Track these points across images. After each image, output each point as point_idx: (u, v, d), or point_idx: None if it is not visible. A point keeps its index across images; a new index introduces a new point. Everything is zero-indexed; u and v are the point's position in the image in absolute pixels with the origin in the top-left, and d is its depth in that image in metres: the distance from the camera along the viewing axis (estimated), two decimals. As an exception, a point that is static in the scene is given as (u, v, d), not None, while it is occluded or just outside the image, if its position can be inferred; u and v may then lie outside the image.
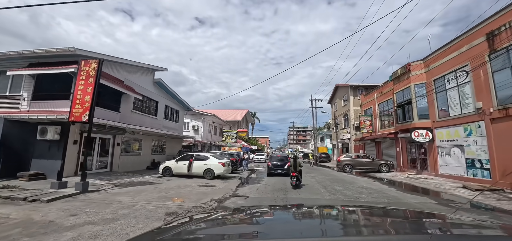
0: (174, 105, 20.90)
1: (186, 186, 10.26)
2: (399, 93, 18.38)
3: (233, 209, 2.09)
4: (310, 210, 1.94)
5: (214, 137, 32.36)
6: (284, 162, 15.98)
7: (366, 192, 10.16)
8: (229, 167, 13.48)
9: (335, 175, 17.04)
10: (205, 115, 28.81)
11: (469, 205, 7.93)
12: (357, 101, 30.73)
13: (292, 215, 1.80)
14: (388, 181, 14.29)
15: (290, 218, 1.75)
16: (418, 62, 16.89)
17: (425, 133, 15.56)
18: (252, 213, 1.90)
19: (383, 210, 2.07)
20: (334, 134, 38.78)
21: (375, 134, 23.03)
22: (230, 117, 44.87)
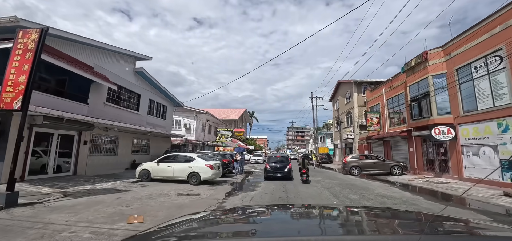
0: (161, 99, 18.67)
1: (160, 195, 8.05)
2: (414, 86, 16.31)
3: (230, 209, 2.06)
4: (308, 210, 1.95)
5: (208, 137, 30.13)
6: (284, 164, 13.80)
7: (390, 203, 8.02)
8: (219, 170, 11.28)
9: (342, 179, 14.89)
10: (198, 112, 26.58)
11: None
12: (362, 97, 28.66)
13: (290, 215, 1.79)
14: (404, 186, 12.18)
15: (288, 217, 1.76)
16: (436, 50, 14.83)
17: (447, 130, 13.48)
18: (250, 212, 1.95)
19: (383, 210, 2.10)
20: (336, 134, 36.70)
21: (384, 132, 20.96)
22: (227, 116, 42.68)
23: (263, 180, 13.54)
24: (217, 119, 31.70)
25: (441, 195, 9.88)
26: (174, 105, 20.97)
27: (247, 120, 61.19)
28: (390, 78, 20.39)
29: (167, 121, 19.54)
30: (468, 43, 12.74)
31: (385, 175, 16.17)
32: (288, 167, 13.62)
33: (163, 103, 18.98)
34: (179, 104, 21.14)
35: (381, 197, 8.96)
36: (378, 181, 13.91)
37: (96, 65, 12.03)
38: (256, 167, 23.98)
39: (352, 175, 16.76)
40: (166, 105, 19.45)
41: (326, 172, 19.13)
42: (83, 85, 11.30)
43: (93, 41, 11.68)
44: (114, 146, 13.60)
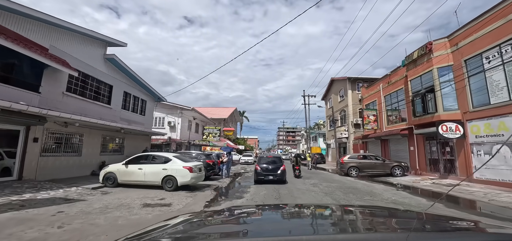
0: (139, 93, 16.65)
1: (119, 207, 6.23)
2: (416, 80, 15.11)
3: (217, 210, 1.97)
4: (299, 210, 1.93)
5: (195, 136, 28.14)
6: (277, 165, 12.17)
7: (408, 212, 6.51)
8: (200, 173, 9.51)
9: (341, 181, 13.44)
10: (183, 109, 24.59)
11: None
12: (356, 95, 27.55)
13: (281, 215, 1.78)
14: (412, 189, 10.84)
15: (279, 217, 1.74)
16: (441, 41, 13.66)
17: (455, 127, 12.29)
18: (239, 213, 1.88)
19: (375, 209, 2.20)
20: (329, 133, 35.57)
21: (381, 131, 19.78)
22: (216, 114, 40.77)
23: (252, 183, 11.87)
24: (205, 117, 29.78)
25: (467, 204, 8.53)
26: (155, 100, 18.96)
27: (237, 119, 59.36)
28: (388, 73, 19.23)
29: (146, 117, 17.51)
30: (479, 31, 11.58)
31: (386, 176, 14.89)
32: (282, 169, 12.00)
33: (142, 97, 16.95)
34: (161, 99, 19.15)
35: (394, 204, 7.50)
36: (380, 184, 12.55)
37: (52, 46, 9.98)
38: (245, 168, 22.27)
39: (350, 176, 15.38)
40: (146, 99, 17.42)
41: (321, 174, 17.69)
42: (34, 70, 9.25)
43: (50, 18, 9.65)
44: (78, 144, 11.54)
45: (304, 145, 57.81)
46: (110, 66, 13.63)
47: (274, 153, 40.60)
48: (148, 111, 17.76)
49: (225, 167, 13.10)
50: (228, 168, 13.41)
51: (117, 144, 14.45)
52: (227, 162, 13.24)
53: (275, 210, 1.99)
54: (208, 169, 11.89)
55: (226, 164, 13.14)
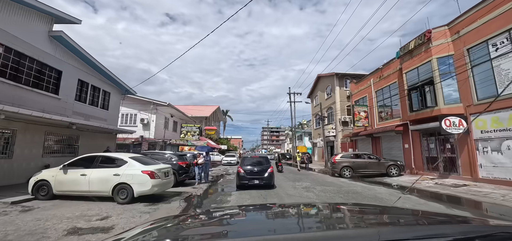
0: (101, 83, 14.06)
1: (30, 235, 4.05)
2: (412, 72, 14.00)
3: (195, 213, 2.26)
4: (284, 209, 1.88)
5: (173, 135, 25.60)
6: (263, 167, 10.30)
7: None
8: (167, 179, 7.40)
9: (336, 183, 11.89)
10: (158, 105, 22.03)
11: None
12: (344, 92, 26.52)
13: (265, 215, 1.75)
14: (418, 192, 9.48)
15: (262, 217, 1.71)
16: (441, 28, 12.60)
17: (458, 121, 11.20)
18: (221, 215, 1.82)
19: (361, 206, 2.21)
20: (315, 132, 34.47)
21: (372, 128, 18.67)
22: (197, 112, 38.28)
23: (235, 189, 9.93)
24: (184, 115, 27.26)
25: (484, 207, 7.20)
26: (122, 93, 16.37)
27: (220, 118, 56.94)
28: (380, 67, 18.15)
29: (110, 112, 14.91)
30: (485, 16, 10.55)
31: (381, 177, 13.63)
32: (269, 171, 10.14)
33: (104, 88, 14.35)
34: (130, 92, 16.59)
35: (413, 215, 5.92)
36: (380, 185, 11.15)
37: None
38: (228, 170, 20.24)
39: (343, 177, 13.94)
40: (109, 91, 14.82)
41: (311, 175, 16.11)
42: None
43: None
44: (7, 143, 8.91)
45: (289, 145, 56.70)
46: (59, 47, 11.03)
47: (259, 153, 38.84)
48: (112, 105, 15.16)
49: (201, 170, 10.57)
50: (205, 172, 11.11)
51: (68, 144, 11.83)
52: (204, 164, 10.80)
53: (258, 210, 1.96)
54: (180, 172, 9.77)
55: (202, 167, 10.64)
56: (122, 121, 22.09)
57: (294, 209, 1.86)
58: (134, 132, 16.37)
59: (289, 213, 1.71)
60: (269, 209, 1.93)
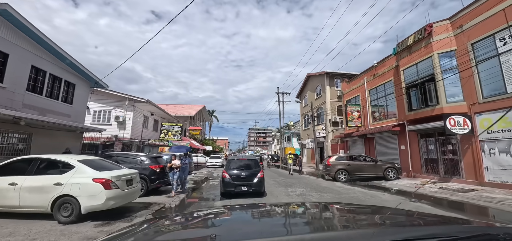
0: (62, 72, 12.03)
1: None
2: (410, 69, 13.18)
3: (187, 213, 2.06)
4: (270, 209, 1.81)
5: (153, 135, 23.51)
6: (252, 171, 8.83)
7: None
8: (131, 189, 5.77)
9: (333, 189, 10.70)
10: (136, 101, 19.98)
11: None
12: (334, 92, 25.76)
13: (251, 215, 1.70)
14: (425, 198, 8.47)
15: (249, 218, 1.65)
16: (442, 23, 11.84)
17: (463, 121, 10.39)
18: (206, 214, 1.76)
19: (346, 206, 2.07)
20: (304, 132, 33.57)
21: (365, 128, 17.83)
22: (181, 111, 36.19)
23: (219, 198, 8.44)
24: (166, 113, 25.21)
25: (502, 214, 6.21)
26: (91, 86, 14.32)
27: (206, 118, 54.89)
28: (375, 64, 17.35)
29: (75, 107, 12.85)
30: (489, 9, 9.82)
31: (378, 180, 12.66)
32: (259, 176, 8.68)
33: (67, 78, 12.31)
34: (100, 85, 14.55)
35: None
36: (380, 190, 10.09)
37: None
38: (212, 173, 18.61)
39: (338, 181, 12.83)
40: (74, 83, 12.77)
41: (303, 179, 14.89)
42: None
43: None
44: None
45: (277, 146, 55.69)
46: (4, 25, 9.01)
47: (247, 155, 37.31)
48: (78, 99, 13.12)
49: (176, 176, 8.34)
50: (182, 178, 8.96)
51: (16, 144, 9.77)
52: (181, 168, 8.61)
53: (245, 210, 1.90)
54: (153, 178, 8.11)
55: (178, 172, 8.39)
56: (94, 118, 19.88)
57: (286, 209, 1.84)
58: (104, 130, 14.36)
59: (281, 213, 1.67)
60: (259, 209, 1.86)
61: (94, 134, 14.86)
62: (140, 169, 8.11)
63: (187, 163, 9.41)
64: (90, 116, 19.93)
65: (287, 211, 1.76)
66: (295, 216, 1.61)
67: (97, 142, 16.00)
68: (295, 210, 1.83)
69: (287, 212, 1.73)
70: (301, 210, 1.86)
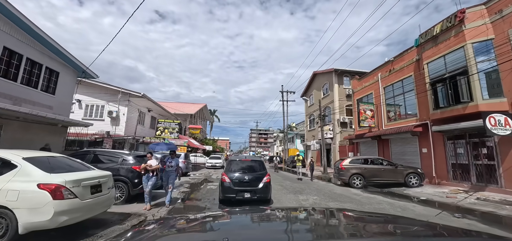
0: (43, 57, 10.64)
1: None
2: (437, 62, 11.66)
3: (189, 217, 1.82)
4: (273, 214, 1.80)
5: (149, 132, 22.10)
6: (257, 175, 7.38)
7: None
8: (98, 198, 4.29)
9: (350, 197, 9.20)
10: (131, 95, 18.59)
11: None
12: (343, 90, 24.24)
13: (247, 220, 1.66)
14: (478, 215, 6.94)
15: (246, 223, 1.61)
16: (477, 8, 10.34)
17: (504, 120, 8.86)
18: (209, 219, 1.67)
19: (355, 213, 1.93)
20: (309, 134, 32.06)
21: (379, 129, 16.30)
22: (181, 109, 34.86)
23: (217, 206, 6.97)
24: (164, 110, 23.78)
25: None
26: (79, 76, 12.93)
27: (207, 118, 53.52)
28: (391, 59, 15.83)
29: (58, 98, 11.45)
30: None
31: (398, 187, 11.17)
32: (265, 181, 7.24)
33: (49, 65, 10.92)
34: (88, 74, 13.13)
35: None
36: (407, 201, 8.58)
37: None
38: (211, 175, 17.15)
39: (353, 187, 11.33)
40: (57, 70, 11.37)
41: (313, 183, 13.36)
42: None
43: None
44: None
45: (279, 147, 54.16)
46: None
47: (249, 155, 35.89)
48: (62, 89, 11.72)
49: (151, 182, 6.19)
50: (166, 186, 6.76)
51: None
52: (165, 172, 6.73)
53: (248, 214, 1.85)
54: (136, 182, 6.63)
55: (153, 177, 6.27)
56: (86, 113, 18.55)
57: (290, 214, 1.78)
58: (91, 125, 12.92)
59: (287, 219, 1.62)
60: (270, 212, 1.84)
61: (80, 129, 13.43)
62: (122, 170, 6.69)
63: (173, 166, 6.86)
64: (81, 110, 18.62)
65: (298, 216, 1.70)
66: (308, 222, 1.55)
67: (85, 138, 14.57)
68: (307, 215, 1.74)
69: (297, 217, 1.66)
70: (313, 215, 1.74)
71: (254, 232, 1.33)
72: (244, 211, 2.06)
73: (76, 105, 18.76)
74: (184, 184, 11.31)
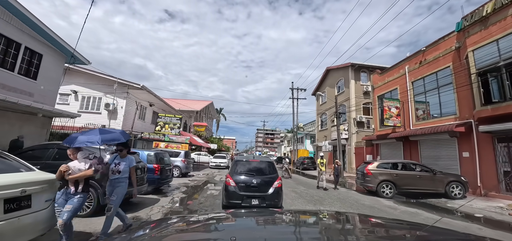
0: (22, 36, 9.22)
1: None
2: (486, 48, 9.62)
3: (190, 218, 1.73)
4: (277, 215, 1.75)
5: (151, 128, 20.69)
6: (266, 178, 6.05)
7: None
8: (18, 218, 2.65)
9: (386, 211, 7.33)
10: (130, 87, 17.17)
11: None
12: (360, 87, 22.18)
13: (255, 222, 1.55)
14: None
15: (253, 224, 1.51)
16: (545, -22, 8.27)
17: None
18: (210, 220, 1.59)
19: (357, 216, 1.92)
20: (320, 134, 30.07)
21: (407, 129, 14.29)
22: (186, 105, 33.54)
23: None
24: (167, 105, 22.31)
25: None
26: (67, 61, 11.51)
27: (214, 116, 52.16)
28: (422, 49, 13.76)
29: (40, 83, 10.01)
30: None
31: (437, 197, 9.23)
32: (275, 186, 5.94)
33: (29, 45, 9.48)
34: (78, 59, 11.68)
35: None
36: (463, 219, 6.65)
37: None
38: (214, 176, 15.48)
39: (382, 196, 9.43)
40: (40, 52, 9.93)
41: (335, 191, 11.47)
42: None
43: None
44: None
45: (287, 148, 52.21)
46: None
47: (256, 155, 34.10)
48: (46, 74, 10.28)
49: (72, 204, 3.12)
50: (115, 203, 3.87)
51: None
52: (110, 181, 3.98)
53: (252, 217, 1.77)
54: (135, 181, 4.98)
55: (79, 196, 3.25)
56: (82, 105, 17.26)
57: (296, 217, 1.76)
58: (78, 116, 11.44)
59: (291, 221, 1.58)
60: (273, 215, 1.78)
61: (67, 120, 11.99)
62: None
63: (122, 172, 4.06)
64: (77, 102, 17.33)
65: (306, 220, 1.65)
66: (318, 226, 1.47)
67: (71, 132, 13.13)
68: (317, 219, 1.66)
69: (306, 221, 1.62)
70: (324, 219, 1.66)
71: (262, 234, 1.28)
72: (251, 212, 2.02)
73: (72, 96, 17.52)
74: (181, 187, 9.68)
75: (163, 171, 8.18)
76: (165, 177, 8.49)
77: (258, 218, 1.63)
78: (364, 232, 1.34)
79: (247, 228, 1.38)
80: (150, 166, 7.57)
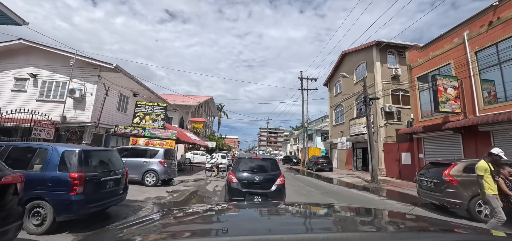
0: None
1: None
2: None
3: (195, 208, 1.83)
4: (279, 207, 1.79)
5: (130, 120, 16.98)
6: (269, 176, 5.62)
7: None
8: None
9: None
10: (102, 66, 13.46)
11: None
12: (387, 70, 18.36)
13: (259, 213, 1.60)
14: None
15: (257, 215, 1.55)
16: None
17: None
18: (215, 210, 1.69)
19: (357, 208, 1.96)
20: (334, 129, 26.24)
21: (469, 116, 10.45)
22: (182, 100, 29.99)
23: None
24: (152, 93, 18.51)
25: None
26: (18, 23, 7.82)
27: (214, 113, 48.58)
28: (494, 3, 9.89)
29: None
30: None
31: None
32: (278, 183, 5.54)
33: None
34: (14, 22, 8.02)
35: None
36: None
37: None
38: (209, 182, 11.74)
39: (477, 220, 5.63)
40: None
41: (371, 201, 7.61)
42: None
43: None
44: None
45: (293, 146, 48.34)
46: None
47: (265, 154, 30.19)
48: None
49: None
50: None
51: None
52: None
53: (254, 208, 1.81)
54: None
55: None
56: (43, 93, 13.63)
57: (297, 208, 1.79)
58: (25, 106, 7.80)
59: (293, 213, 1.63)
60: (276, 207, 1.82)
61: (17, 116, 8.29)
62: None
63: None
64: (36, 89, 13.71)
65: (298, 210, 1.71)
66: (306, 216, 1.53)
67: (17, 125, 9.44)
68: (306, 210, 1.72)
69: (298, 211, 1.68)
70: (313, 210, 1.73)
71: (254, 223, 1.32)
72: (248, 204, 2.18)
73: (30, 81, 13.89)
74: (140, 212, 5.86)
75: (96, 186, 4.23)
76: (100, 197, 4.30)
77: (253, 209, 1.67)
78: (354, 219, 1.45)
79: (240, 220, 1.41)
80: (57, 175, 3.62)
